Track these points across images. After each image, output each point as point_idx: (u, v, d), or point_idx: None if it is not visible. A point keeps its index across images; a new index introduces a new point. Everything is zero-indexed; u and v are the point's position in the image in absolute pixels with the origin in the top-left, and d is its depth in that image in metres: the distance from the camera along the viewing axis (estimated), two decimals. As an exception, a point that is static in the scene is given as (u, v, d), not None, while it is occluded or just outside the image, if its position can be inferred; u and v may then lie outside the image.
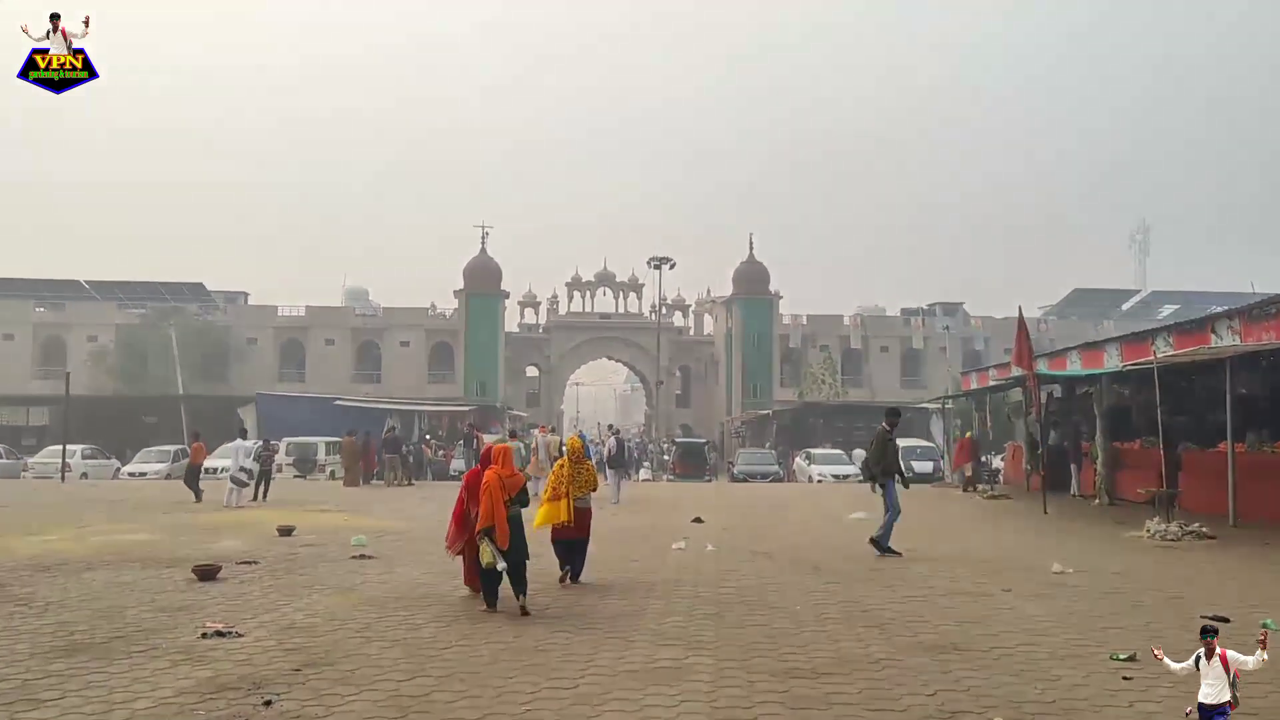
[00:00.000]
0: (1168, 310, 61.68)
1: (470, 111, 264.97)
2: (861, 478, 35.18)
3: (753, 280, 59.71)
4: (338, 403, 39.94)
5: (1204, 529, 13.71)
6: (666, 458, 37.24)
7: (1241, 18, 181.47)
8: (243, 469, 19.63)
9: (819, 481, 32.68)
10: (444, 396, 51.78)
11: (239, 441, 20.26)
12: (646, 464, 38.38)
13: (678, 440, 38.71)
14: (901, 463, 34.17)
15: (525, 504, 8.55)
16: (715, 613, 8.24)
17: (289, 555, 11.99)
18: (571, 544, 9.83)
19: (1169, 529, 14.07)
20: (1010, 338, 59.47)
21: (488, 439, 35.47)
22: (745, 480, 32.98)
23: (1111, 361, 19.95)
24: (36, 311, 54.95)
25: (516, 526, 8.22)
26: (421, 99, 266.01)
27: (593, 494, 10.31)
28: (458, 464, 31.55)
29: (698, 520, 16.56)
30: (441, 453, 35.51)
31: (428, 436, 40.10)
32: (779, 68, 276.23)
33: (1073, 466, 22.94)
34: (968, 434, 26.43)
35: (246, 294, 59.48)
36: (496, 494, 8.08)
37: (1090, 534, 14.84)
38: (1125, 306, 63.12)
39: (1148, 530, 14.35)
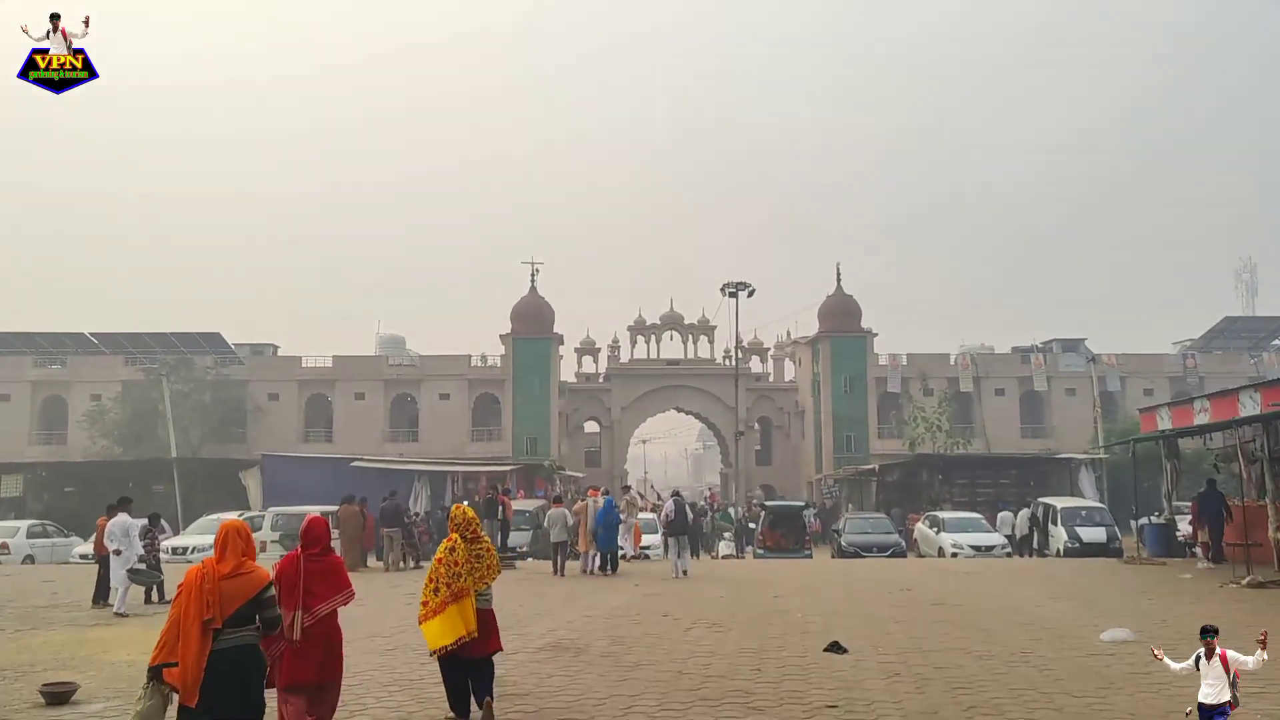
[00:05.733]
0: (1332, 340, 52.86)
1: (523, 144, 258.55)
2: (1009, 549, 27.32)
3: (842, 315, 51.75)
4: (355, 464, 33.56)
5: None
6: (753, 525, 29.75)
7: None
8: (140, 558, 13.57)
9: (954, 555, 25.08)
10: (489, 455, 45.05)
11: (123, 518, 13.81)
12: (728, 535, 30.89)
13: (768, 504, 31.11)
14: (1063, 530, 26.23)
15: (273, 626, 4.99)
16: None
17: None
18: (475, 663, 6.68)
19: None
20: (1151, 375, 51.40)
21: (528, 507, 29.00)
22: (856, 554, 25.42)
23: None
24: (50, 368, 50.13)
25: (229, 669, 4.59)
26: (468, 125, 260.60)
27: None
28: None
29: (834, 648, 9.52)
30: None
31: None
32: (869, 92, 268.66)
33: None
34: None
35: (275, 346, 54.05)
36: (188, 610, 4.63)
37: None
38: (1281, 340, 54.22)
39: None
